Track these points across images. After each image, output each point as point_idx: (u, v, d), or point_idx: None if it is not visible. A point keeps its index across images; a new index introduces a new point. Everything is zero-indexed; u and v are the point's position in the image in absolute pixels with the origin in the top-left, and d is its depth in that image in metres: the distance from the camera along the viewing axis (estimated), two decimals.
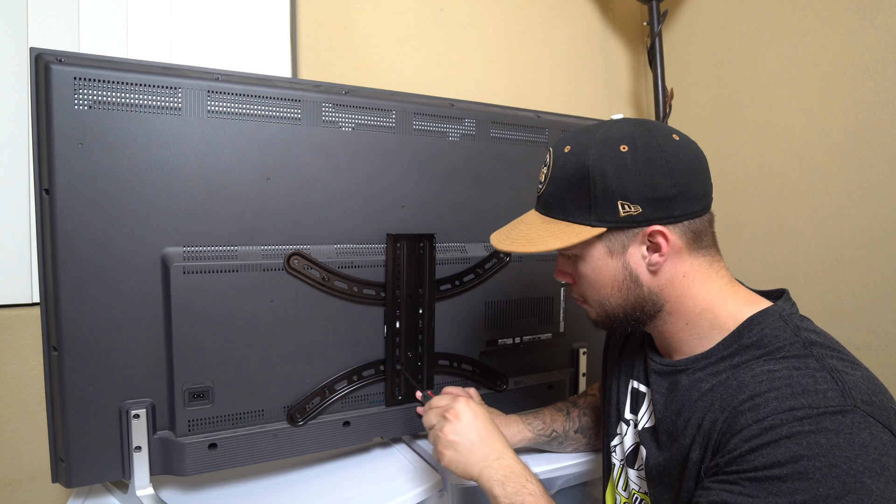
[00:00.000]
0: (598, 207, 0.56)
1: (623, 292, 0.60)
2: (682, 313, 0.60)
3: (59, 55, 0.62)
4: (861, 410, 0.47)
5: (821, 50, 1.19)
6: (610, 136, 0.57)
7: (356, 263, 0.78)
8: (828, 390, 0.48)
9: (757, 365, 0.54)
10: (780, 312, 0.57)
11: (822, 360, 0.52)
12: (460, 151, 0.87)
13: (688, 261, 0.58)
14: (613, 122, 0.60)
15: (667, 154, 0.55)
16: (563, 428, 0.87)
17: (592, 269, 0.60)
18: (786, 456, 0.46)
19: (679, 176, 0.55)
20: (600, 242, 0.58)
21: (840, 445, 0.45)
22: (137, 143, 0.65)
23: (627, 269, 0.59)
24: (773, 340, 0.55)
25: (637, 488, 0.68)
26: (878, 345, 1.10)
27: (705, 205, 0.58)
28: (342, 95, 0.76)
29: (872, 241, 1.11)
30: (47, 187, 0.62)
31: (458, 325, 0.89)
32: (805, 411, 0.47)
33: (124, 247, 0.65)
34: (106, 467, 0.68)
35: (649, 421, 0.66)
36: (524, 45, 1.50)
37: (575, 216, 0.58)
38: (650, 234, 0.56)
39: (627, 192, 0.55)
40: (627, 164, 0.55)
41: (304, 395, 0.77)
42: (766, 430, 0.48)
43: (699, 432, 0.55)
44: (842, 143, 1.16)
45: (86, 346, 0.64)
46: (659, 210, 0.55)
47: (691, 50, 1.50)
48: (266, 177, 0.72)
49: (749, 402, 0.51)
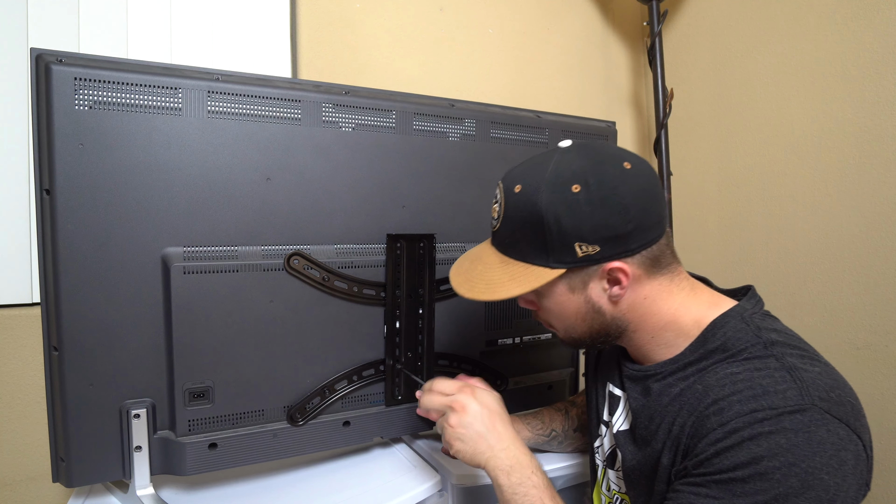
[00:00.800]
0: (554, 250, 0.56)
1: (587, 322, 0.61)
2: (646, 329, 0.61)
3: (60, 55, 0.62)
4: (818, 408, 0.49)
5: (821, 50, 1.19)
6: (561, 174, 0.56)
7: (356, 263, 0.79)
8: (787, 390, 0.50)
9: (721, 368, 0.55)
10: (742, 313, 0.58)
11: (782, 358, 0.53)
12: (460, 152, 0.87)
13: (647, 284, 0.59)
14: (563, 155, 0.58)
15: (620, 190, 0.55)
16: (562, 427, 0.87)
17: (555, 304, 0.61)
18: (747, 457, 0.48)
19: (634, 211, 0.55)
20: (561, 282, 0.59)
21: (799, 444, 0.47)
22: (138, 143, 0.65)
23: (589, 303, 0.60)
24: (736, 343, 0.56)
25: (617, 489, 0.70)
26: (878, 345, 1.10)
27: (661, 229, 0.59)
28: (342, 96, 0.77)
29: (872, 241, 1.11)
30: (48, 187, 0.62)
31: (458, 325, 0.89)
32: (765, 412, 0.49)
33: (125, 247, 0.65)
34: (106, 467, 0.68)
35: (624, 423, 0.67)
36: (524, 45, 1.50)
37: (532, 258, 0.58)
38: (609, 270, 0.57)
39: (583, 233, 0.55)
40: (581, 205, 0.55)
41: (305, 394, 0.77)
42: (730, 434, 0.49)
43: (669, 437, 0.57)
44: (842, 143, 1.16)
45: (86, 345, 0.64)
46: (616, 247, 0.56)
47: (691, 50, 1.50)
48: (266, 177, 0.72)
49: (713, 406, 0.52)
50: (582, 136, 1.00)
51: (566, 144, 0.60)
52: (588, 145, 0.59)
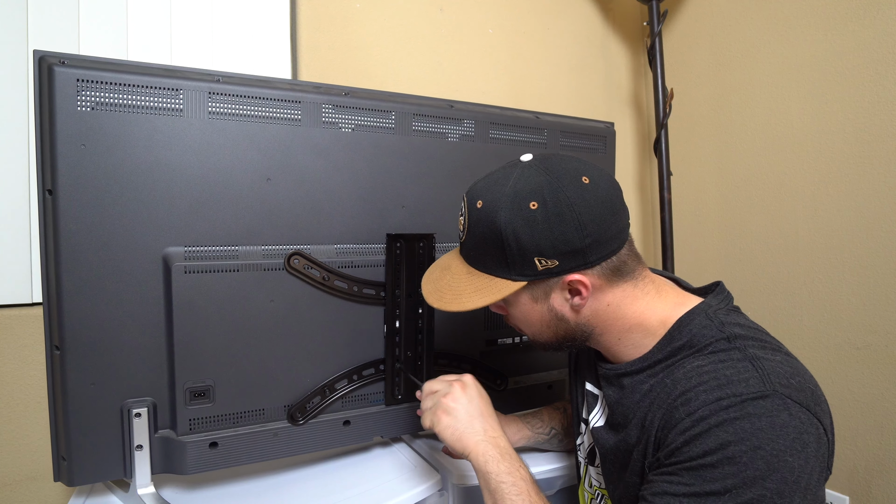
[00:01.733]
0: (515, 264, 0.58)
1: (552, 329, 0.63)
2: (612, 333, 0.63)
3: (62, 57, 0.62)
4: (780, 393, 0.50)
5: (821, 50, 1.19)
6: (519, 192, 0.58)
7: (356, 263, 0.79)
8: (749, 378, 0.52)
9: (688, 362, 0.57)
10: (706, 310, 0.60)
11: (744, 350, 0.55)
12: (459, 152, 0.87)
13: (610, 292, 0.60)
14: (523, 170, 0.59)
15: (576, 207, 0.56)
16: (562, 426, 0.88)
17: (521, 313, 0.64)
18: (715, 444, 0.49)
19: (591, 226, 0.56)
20: (524, 292, 0.61)
21: (762, 428, 0.49)
22: (139, 144, 0.65)
23: (552, 312, 0.62)
24: (701, 339, 0.57)
25: (598, 484, 0.71)
26: (877, 345, 1.10)
27: (621, 240, 0.60)
28: (342, 97, 0.77)
29: (872, 241, 1.11)
30: (50, 188, 0.62)
31: (458, 324, 0.89)
32: (730, 400, 0.51)
33: (126, 246, 0.65)
34: (107, 466, 0.68)
35: (601, 420, 0.69)
36: (524, 45, 1.50)
37: (495, 270, 0.60)
38: (569, 282, 0.59)
39: (542, 249, 0.57)
40: (538, 222, 0.56)
41: (305, 394, 0.77)
42: (698, 422, 0.51)
43: (642, 432, 0.59)
44: (842, 143, 1.16)
45: (88, 345, 0.65)
46: (574, 260, 0.57)
47: (691, 50, 1.50)
48: (267, 177, 0.72)
49: (681, 397, 0.54)
50: (582, 136, 1.00)
51: (527, 159, 0.62)
52: (548, 160, 0.61)
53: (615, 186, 0.60)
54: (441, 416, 0.66)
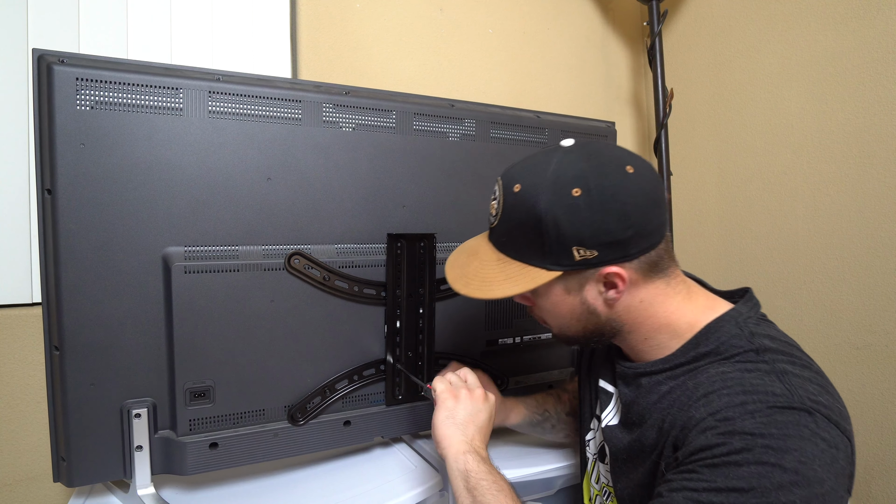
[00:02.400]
0: (552, 253, 0.56)
1: (582, 322, 0.61)
2: (640, 331, 0.61)
3: (62, 56, 0.62)
4: (808, 408, 0.49)
5: (821, 50, 1.19)
6: (561, 177, 0.55)
7: (357, 263, 0.79)
8: (775, 389, 0.50)
9: (712, 367, 0.56)
10: (737, 318, 0.58)
11: (773, 363, 0.53)
12: (460, 152, 0.87)
13: (644, 289, 0.59)
14: (564, 155, 0.58)
15: (620, 196, 0.54)
16: (554, 409, 0.87)
17: (550, 304, 0.61)
18: (741, 444, 0.47)
19: (634, 217, 0.54)
20: (557, 283, 0.59)
21: (791, 436, 0.47)
22: (139, 143, 0.65)
23: (585, 305, 0.60)
24: (728, 348, 0.56)
25: (606, 482, 0.70)
26: (878, 345, 1.10)
27: (661, 234, 0.58)
28: (343, 96, 0.77)
29: (872, 242, 1.11)
30: (49, 187, 0.62)
31: (459, 324, 0.89)
32: (756, 405, 0.49)
33: (126, 246, 0.65)
34: (107, 467, 0.68)
35: (614, 419, 0.68)
36: (524, 45, 1.50)
37: (529, 258, 0.58)
38: (606, 274, 0.57)
39: (582, 238, 0.55)
40: (581, 209, 0.54)
41: (305, 394, 0.77)
42: (721, 421, 0.50)
43: (661, 433, 0.57)
44: (842, 143, 1.16)
45: (87, 345, 0.64)
46: (614, 252, 0.55)
47: (691, 50, 1.50)
48: (267, 177, 0.72)
49: (703, 399, 0.53)
50: (582, 136, 1.00)
51: (568, 144, 0.60)
52: (591, 146, 0.59)
53: (658, 178, 0.59)
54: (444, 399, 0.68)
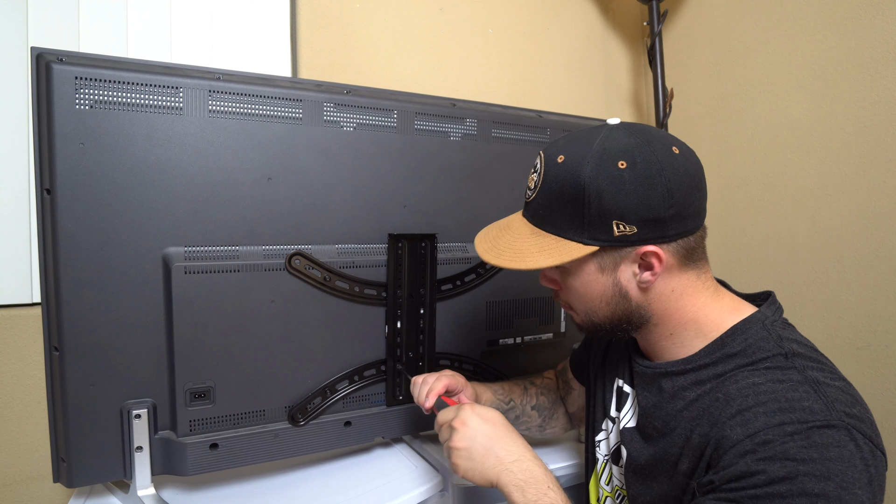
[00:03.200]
0: (591, 225, 0.55)
1: (611, 306, 0.59)
2: (667, 325, 0.60)
3: (61, 55, 0.62)
4: (846, 423, 0.48)
5: (821, 50, 1.19)
6: (608, 149, 0.55)
7: (357, 263, 0.78)
8: (813, 405, 0.49)
9: (741, 376, 0.54)
10: (763, 321, 0.58)
11: (804, 371, 0.52)
12: (462, 151, 0.87)
13: (677, 276, 0.58)
14: (611, 131, 0.57)
15: (666, 173, 0.53)
16: (520, 400, 0.85)
17: (581, 283, 0.60)
18: (783, 472, 0.46)
19: (678, 196, 0.54)
20: (591, 260, 0.57)
21: (832, 458, 0.46)
22: (139, 142, 0.64)
23: (617, 286, 0.58)
24: (757, 351, 0.55)
25: (619, 484, 0.69)
26: (878, 345, 1.10)
27: (700, 221, 0.58)
28: (344, 95, 0.76)
29: (872, 241, 1.11)
30: (48, 187, 0.62)
31: (460, 325, 0.89)
32: (794, 426, 0.48)
33: (125, 247, 0.65)
34: (107, 467, 0.68)
35: (632, 421, 0.66)
36: (524, 45, 1.50)
37: (566, 232, 0.57)
38: (643, 254, 0.55)
39: (623, 212, 0.54)
40: (625, 183, 0.53)
41: (306, 395, 0.77)
42: (760, 446, 0.48)
43: (688, 445, 0.55)
44: (842, 143, 1.16)
45: (87, 346, 0.64)
46: (654, 230, 0.54)
47: (691, 50, 1.50)
48: (267, 177, 0.72)
49: (738, 416, 0.51)
50: None
51: (615, 122, 0.59)
52: (638, 125, 0.58)
53: (701, 164, 0.58)
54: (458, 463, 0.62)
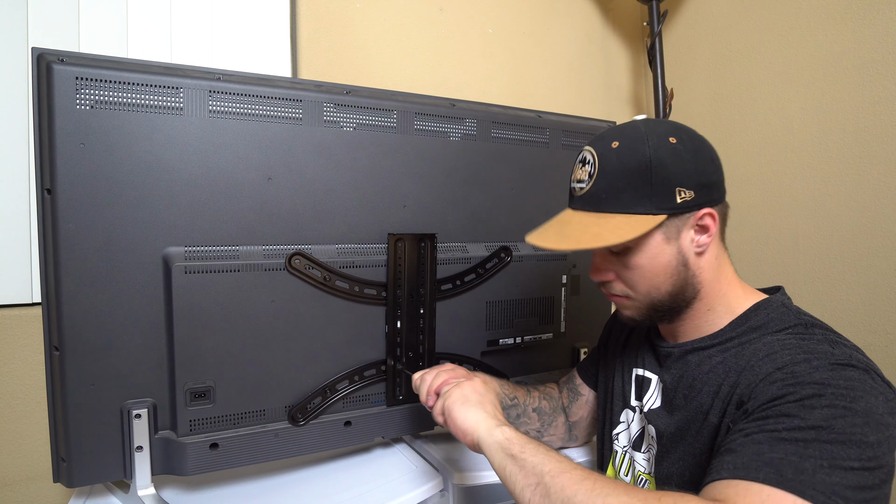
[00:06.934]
0: (657, 196, 0.60)
1: (674, 277, 0.63)
2: (709, 298, 0.65)
3: (61, 55, 0.62)
4: (864, 365, 0.53)
5: (821, 50, 1.19)
6: (657, 131, 0.62)
7: (357, 263, 0.79)
8: (834, 351, 0.54)
9: (765, 338, 0.60)
10: (783, 300, 0.65)
11: (825, 335, 0.58)
12: (461, 151, 0.87)
13: (717, 244, 0.65)
14: (647, 121, 0.65)
15: (706, 144, 0.63)
16: (523, 400, 0.85)
17: (649, 258, 0.63)
18: (812, 391, 0.50)
19: (717, 162, 0.64)
20: (658, 231, 0.62)
21: (855, 387, 0.50)
22: (139, 142, 0.64)
23: (680, 254, 0.63)
24: (778, 322, 0.61)
25: (643, 469, 0.70)
26: (878, 345, 1.10)
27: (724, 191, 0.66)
28: (344, 95, 0.76)
29: (872, 241, 1.11)
30: (49, 187, 0.62)
31: (460, 324, 0.89)
32: (819, 361, 0.53)
33: (126, 246, 0.65)
34: (107, 467, 0.68)
35: (657, 402, 0.70)
36: (524, 45, 1.50)
37: (634, 207, 0.61)
38: (701, 216, 0.62)
39: (683, 179, 0.60)
40: (681, 153, 0.61)
41: (306, 394, 0.77)
42: (789, 375, 0.53)
43: (717, 397, 0.60)
44: (842, 143, 1.16)
45: (87, 345, 0.64)
46: (708, 194, 0.61)
47: (691, 50, 1.50)
48: (267, 177, 0.72)
49: (766, 357, 0.56)
50: (584, 135, 1.00)
51: (642, 117, 0.66)
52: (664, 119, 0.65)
53: None
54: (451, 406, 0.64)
